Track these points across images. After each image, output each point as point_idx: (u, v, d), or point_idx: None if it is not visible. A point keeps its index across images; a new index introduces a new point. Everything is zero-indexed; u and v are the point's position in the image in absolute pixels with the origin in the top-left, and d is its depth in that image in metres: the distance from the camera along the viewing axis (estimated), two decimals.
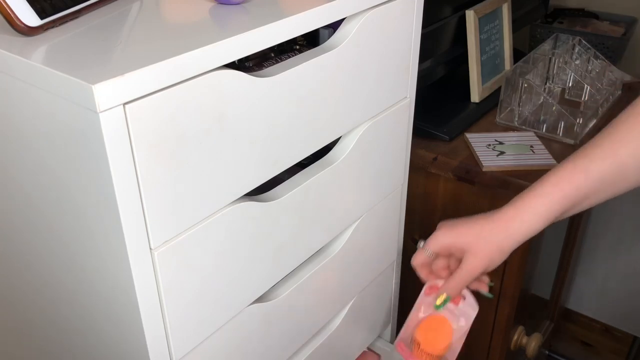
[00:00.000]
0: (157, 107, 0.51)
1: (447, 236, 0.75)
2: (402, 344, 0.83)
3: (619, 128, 0.67)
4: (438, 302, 0.78)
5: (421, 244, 0.78)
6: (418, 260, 0.79)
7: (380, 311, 1.05)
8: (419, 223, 1.25)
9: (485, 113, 1.26)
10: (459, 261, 0.76)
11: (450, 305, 0.80)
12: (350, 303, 0.93)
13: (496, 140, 1.16)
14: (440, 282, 0.78)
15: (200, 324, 0.66)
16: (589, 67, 1.31)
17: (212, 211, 0.61)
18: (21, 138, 0.57)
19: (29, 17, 0.53)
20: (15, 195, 0.63)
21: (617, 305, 1.81)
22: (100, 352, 0.69)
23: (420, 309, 0.82)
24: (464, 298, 0.80)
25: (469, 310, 0.80)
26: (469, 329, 0.81)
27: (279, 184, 0.71)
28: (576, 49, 1.32)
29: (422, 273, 0.80)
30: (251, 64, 0.70)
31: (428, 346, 0.80)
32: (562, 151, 1.14)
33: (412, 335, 0.82)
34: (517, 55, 1.40)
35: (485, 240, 0.72)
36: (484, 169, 1.09)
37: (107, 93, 0.47)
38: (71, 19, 0.58)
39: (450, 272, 0.78)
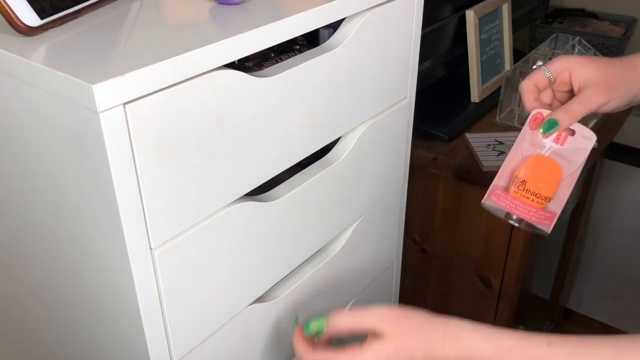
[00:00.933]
0: (158, 107, 0.51)
1: (571, 60, 0.70)
2: (497, 189, 0.71)
3: None
4: (543, 129, 0.69)
5: (539, 63, 0.72)
6: (529, 82, 0.72)
7: None
8: (419, 223, 1.25)
9: (485, 113, 1.26)
10: (567, 98, 0.71)
11: (554, 145, 0.70)
12: (350, 303, 0.93)
13: (496, 140, 1.16)
14: (546, 112, 0.70)
15: (200, 324, 0.66)
16: None
17: (212, 211, 0.61)
18: (21, 138, 0.57)
19: (29, 17, 0.53)
20: (14, 195, 0.63)
21: (617, 305, 1.81)
22: (100, 352, 0.69)
23: (521, 147, 0.71)
24: (572, 134, 0.70)
25: (580, 144, 0.69)
26: (579, 172, 0.70)
27: (279, 184, 0.71)
28: (576, 49, 1.32)
29: (528, 98, 0.72)
30: (251, 64, 0.70)
31: (535, 184, 0.69)
32: None
33: (512, 175, 0.71)
34: (517, 55, 1.40)
35: (610, 73, 0.68)
36: (484, 169, 1.09)
37: (107, 93, 0.47)
38: (71, 19, 0.58)
39: (555, 108, 0.71)
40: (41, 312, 0.73)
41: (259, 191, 0.68)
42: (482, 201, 0.72)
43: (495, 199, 0.71)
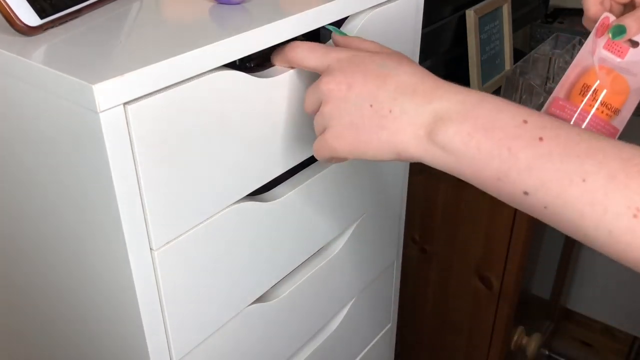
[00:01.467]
0: (158, 107, 0.51)
1: None
2: (560, 100, 0.66)
3: None
4: (612, 33, 0.64)
5: None
6: None
7: (380, 311, 1.05)
8: (419, 223, 1.25)
9: None
10: (621, 14, 0.66)
11: (615, 59, 0.65)
12: (350, 303, 0.93)
13: None
14: (613, 17, 0.65)
15: (200, 324, 0.66)
16: None
17: (212, 211, 0.61)
18: (21, 138, 0.57)
19: (29, 17, 0.53)
20: (14, 195, 0.63)
21: (617, 305, 1.81)
22: (100, 352, 0.69)
23: (584, 57, 0.66)
24: (635, 46, 0.65)
25: None
26: None
27: (279, 184, 0.71)
28: (576, 49, 1.32)
29: (593, 2, 0.68)
30: (252, 64, 0.70)
31: (605, 93, 0.64)
32: None
33: (577, 84, 0.66)
34: (517, 55, 1.40)
35: None
36: None
37: (107, 93, 0.46)
38: (71, 19, 0.58)
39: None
40: (40, 312, 0.73)
41: (259, 191, 0.68)
42: (546, 105, 0.68)
43: (557, 110, 0.67)
